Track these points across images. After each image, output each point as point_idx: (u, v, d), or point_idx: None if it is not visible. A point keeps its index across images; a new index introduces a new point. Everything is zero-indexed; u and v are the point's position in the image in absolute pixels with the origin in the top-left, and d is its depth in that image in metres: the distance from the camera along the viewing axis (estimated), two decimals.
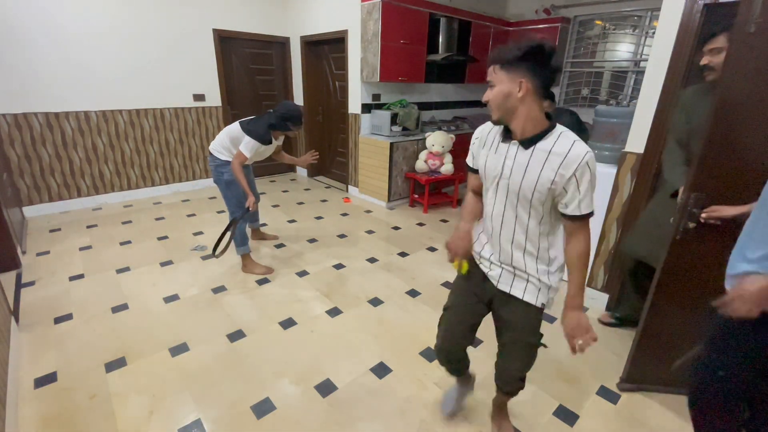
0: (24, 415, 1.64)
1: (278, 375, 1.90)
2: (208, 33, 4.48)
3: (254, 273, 2.83)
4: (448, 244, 1.32)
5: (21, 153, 3.63)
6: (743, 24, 1.27)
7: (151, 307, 2.41)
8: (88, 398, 1.73)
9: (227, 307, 2.44)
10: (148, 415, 1.66)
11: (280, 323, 2.30)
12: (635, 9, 4.23)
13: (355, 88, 4.42)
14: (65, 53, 3.65)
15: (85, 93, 3.85)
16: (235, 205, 2.70)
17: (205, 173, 4.91)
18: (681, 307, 1.66)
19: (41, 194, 3.84)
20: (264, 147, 2.57)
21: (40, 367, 1.90)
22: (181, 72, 4.39)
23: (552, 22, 4.61)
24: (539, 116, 1.05)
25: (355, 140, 4.63)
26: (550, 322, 2.34)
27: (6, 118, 3.49)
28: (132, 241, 3.31)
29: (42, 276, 2.71)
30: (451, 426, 1.65)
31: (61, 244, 3.20)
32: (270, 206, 4.29)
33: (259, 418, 1.66)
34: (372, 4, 3.83)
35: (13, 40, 3.38)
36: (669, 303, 1.67)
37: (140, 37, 4.03)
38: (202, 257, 3.07)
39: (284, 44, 5.17)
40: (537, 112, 1.04)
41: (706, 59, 1.60)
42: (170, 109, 4.44)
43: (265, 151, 2.67)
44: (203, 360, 1.98)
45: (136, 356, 1.99)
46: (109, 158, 4.17)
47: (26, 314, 2.29)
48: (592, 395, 1.82)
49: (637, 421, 1.70)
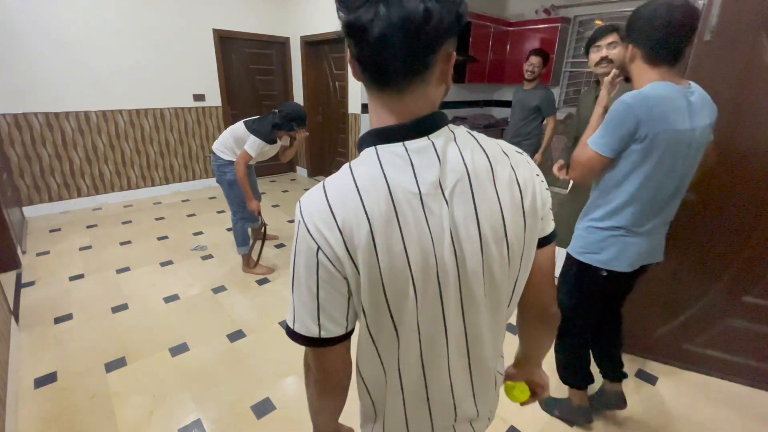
0: (24, 415, 1.64)
1: (278, 375, 1.90)
2: (208, 33, 4.48)
3: (254, 273, 2.83)
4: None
5: (21, 153, 3.63)
6: (701, 33, 1.53)
7: (151, 307, 2.41)
8: (88, 398, 1.73)
9: (227, 307, 2.44)
10: (148, 415, 1.66)
11: (280, 323, 2.30)
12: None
13: (355, 88, 4.42)
14: (65, 53, 3.64)
15: (85, 93, 3.85)
16: (237, 205, 2.71)
17: (205, 173, 4.91)
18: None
19: (41, 194, 3.83)
20: (269, 147, 2.57)
21: (40, 367, 1.90)
22: (181, 72, 4.39)
23: (552, 22, 4.61)
24: None
25: (355, 140, 4.63)
26: None
27: (6, 118, 3.49)
28: (132, 241, 3.31)
29: (42, 276, 2.71)
30: None
31: (61, 244, 3.20)
32: (270, 206, 4.29)
33: (259, 418, 1.66)
34: None
35: (13, 40, 3.38)
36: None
37: (140, 37, 4.03)
38: (202, 257, 3.07)
39: (284, 44, 5.16)
40: None
41: (605, 52, 1.78)
42: (170, 109, 4.44)
43: (270, 150, 2.66)
44: (203, 360, 1.98)
45: (136, 356, 1.99)
46: (109, 158, 4.17)
47: (26, 314, 2.29)
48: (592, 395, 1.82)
49: (638, 421, 1.69)
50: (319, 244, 0.51)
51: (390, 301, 0.53)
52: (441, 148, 0.52)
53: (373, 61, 0.49)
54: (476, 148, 0.55)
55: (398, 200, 0.50)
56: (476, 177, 0.53)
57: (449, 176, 0.52)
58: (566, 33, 4.68)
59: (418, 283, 0.53)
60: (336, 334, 0.56)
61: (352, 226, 0.50)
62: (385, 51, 0.47)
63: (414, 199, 0.51)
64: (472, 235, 0.53)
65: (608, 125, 1.17)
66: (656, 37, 1.11)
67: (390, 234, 0.50)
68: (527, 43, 4.95)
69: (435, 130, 0.53)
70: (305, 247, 0.52)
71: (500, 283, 0.58)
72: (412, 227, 0.51)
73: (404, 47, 0.46)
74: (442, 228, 0.52)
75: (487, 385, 0.69)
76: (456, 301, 0.56)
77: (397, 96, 0.52)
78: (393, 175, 0.51)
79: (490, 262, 0.55)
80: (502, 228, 0.55)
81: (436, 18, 0.45)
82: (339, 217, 0.50)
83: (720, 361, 1.90)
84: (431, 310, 0.55)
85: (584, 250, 1.36)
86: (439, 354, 0.59)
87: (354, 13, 0.46)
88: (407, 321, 0.55)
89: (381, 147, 0.53)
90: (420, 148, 0.52)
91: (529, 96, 3.26)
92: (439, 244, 0.52)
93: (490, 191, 0.54)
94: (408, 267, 0.51)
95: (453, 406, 0.65)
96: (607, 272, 1.32)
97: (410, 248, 0.51)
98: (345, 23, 0.47)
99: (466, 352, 0.61)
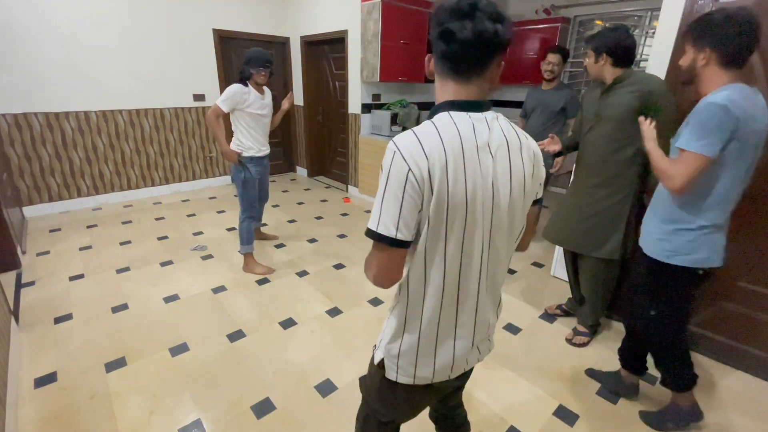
0: (24, 415, 1.64)
1: (278, 375, 1.90)
2: (208, 33, 4.48)
3: (254, 273, 2.83)
4: None
5: (21, 153, 3.63)
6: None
7: (151, 307, 2.41)
8: (88, 398, 1.73)
9: (227, 307, 2.44)
10: (148, 415, 1.66)
11: (280, 323, 2.30)
12: (635, 9, 4.23)
13: (355, 88, 4.42)
14: (65, 53, 3.65)
15: (85, 93, 3.85)
16: (247, 204, 2.72)
17: (205, 173, 4.91)
18: None
19: (41, 194, 3.83)
20: (246, 99, 2.51)
21: (40, 367, 1.90)
22: (181, 72, 4.39)
23: (552, 22, 4.61)
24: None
25: (355, 140, 4.63)
26: (550, 322, 2.34)
27: (6, 118, 3.49)
28: (132, 241, 3.31)
29: (42, 276, 2.71)
30: None
31: (61, 244, 3.20)
32: (270, 206, 4.28)
33: (259, 418, 1.66)
34: (372, 3, 3.83)
35: (13, 40, 3.38)
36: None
37: (140, 37, 4.03)
38: (202, 257, 3.07)
39: (284, 44, 5.17)
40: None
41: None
42: (170, 109, 4.44)
43: (259, 111, 2.60)
44: (203, 360, 1.98)
45: (136, 356, 1.99)
46: (109, 158, 4.17)
47: (26, 314, 2.29)
48: (592, 395, 1.82)
49: (638, 420, 1.70)
50: (411, 167, 0.70)
51: (448, 216, 0.74)
52: (490, 122, 0.76)
53: (456, 56, 0.73)
54: (510, 128, 0.79)
55: (465, 147, 0.72)
56: (511, 146, 0.78)
57: (494, 141, 0.76)
58: (566, 33, 4.68)
59: (469, 206, 0.74)
60: (406, 238, 0.74)
61: (434, 157, 0.70)
62: (466, 51, 0.71)
63: (473, 149, 0.73)
64: (505, 184, 0.77)
65: (706, 128, 1.21)
66: (733, 42, 1.20)
67: (457, 168, 0.72)
68: (527, 43, 4.95)
69: (486, 111, 0.77)
70: (398, 168, 0.71)
71: (516, 221, 0.83)
72: (471, 168, 0.73)
73: (478, 51, 0.71)
74: (488, 174, 0.75)
75: (494, 302, 0.92)
76: (488, 228, 0.79)
77: (464, 83, 0.76)
78: (463, 130, 0.73)
79: (513, 205, 0.80)
80: (523, 185, 0.80)
81: (500, 35, 0.70)
82: (426, 150, 0.71)
83: (709, 339, 2.07)
84: (472, 229, 0.77)
85: (674, 253, 1.38)
86: (474, 268, 0.81)
87: (449, 23, 0.70)
88: (455, 235, 0.76)
89: (453, 113, 0.75)
90: (478, 118, 0.76)
91: (552, 97, 3.08)
92: (485, 184, 0.75)
93: (518, 158, 0.78)
94: (465, 194, 0.73)
95: (475, 312, 0.87)
96: (703, 270, 1.38)
97: (468, 182, 0.73)
98: (442, 29, 0.71)
99: (487, 271, 0.84)
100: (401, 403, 0.99)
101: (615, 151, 1.82)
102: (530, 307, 2.52)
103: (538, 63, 4.89)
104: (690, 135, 1.23)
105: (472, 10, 0.69)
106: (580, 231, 1.98)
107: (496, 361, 2.02)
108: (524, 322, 2.35)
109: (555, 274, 2.90)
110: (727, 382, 1.92)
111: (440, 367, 0.89)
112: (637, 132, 1.71)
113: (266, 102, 2.67)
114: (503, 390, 1.84)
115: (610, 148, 1.83)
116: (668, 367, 1.60)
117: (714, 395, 1.84)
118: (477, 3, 0.69)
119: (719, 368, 2.01)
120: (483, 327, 0.90)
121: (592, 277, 2.04)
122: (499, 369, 1.97)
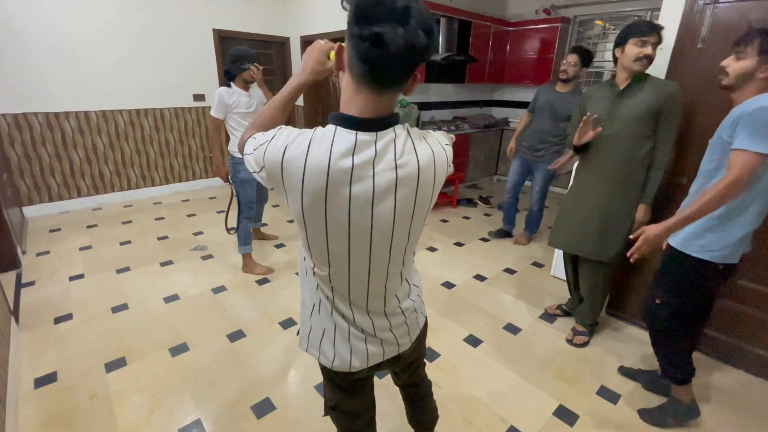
0: (24, 415, 1.64)
1: (278, 375, 1.90)
2: (208, 33, 4.48)
3: (254, 273, 2.83)
4: None
5: (21, 153, 3.63)
6: (693, 42, 1.84)
7: (151, 307, 2.41)
8: (88, 398, 1.73)
9: (227, 307, 2.44)
10: (148, 415, 1.66)
11: (280, 323, 2.30)
12: (635, 9, 4.23)
13: None
14: (65, 53, 3.64)
15: (85, 93, 3.85)
16: (245, 205, 2.72)
17: (205, 173, 4.91)
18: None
19: (41, 194, 3.83)
20: (233, 101, 2.53)
21: (40, 367, 1.90)
22: (181, 72, 4.39)
23: (552, 22, 4.61)
24: None
25: None
26: (550, 322, 2.34)
27: (6, 118, 3.49)
28: (132, 241, 3.31)
29: (42, 276, 2.71)
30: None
31: (61, 244, 3.20)
32: (270, 206, 4.28)
33: (259, 418, 1.66)
34: None
35: (13, 40, 3.37)
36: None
37: (140, 37, 4.03)
38: (202, 257, 3.07)
39: (284, 44, 5.16)
40: None
41: (650, 50, 1.79)
42: (170, 109, 4.44)
43: (246, 110, 2.60)
44: (203, 360, 1.98)
45: (136, 356, 1.99)
46: (109, 158, 4.17)
47: (26, 314, 2.29)
48: (592, 395, 1.82)
49: (638, 420, 1.70)
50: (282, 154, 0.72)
51: (307, 222, 0.77)
52: (381, 146, 0.70)
53: (378, 63, 0.64)
54: (410, 151, 0.73)
55: (332, 168, 0.69)
56: (403, 174, 0.72)
57: (381, 164, 0.70)
58: (566, 33, 4.68)
59: (330, 225, 0.75)
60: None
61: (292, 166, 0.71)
62: (390, 59, 0.63)
63: (344, 171, 0.69)
64: (387, 209, 0.74)
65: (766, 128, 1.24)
66: None
67: (316, 184, 0.70)
68: (527, 43, 4.95)
69: (385, 129, 0.71)
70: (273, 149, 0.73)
71: (403, 238, 0.82)
72: (334, 189, 0.70)
73: (404, 61, 0.64)
74: (364, 196, 0.71)
75: (391, 295, 0.94)
76: (364, 247, 0.79)
77: (375, 95, 0.69)
78: (336, 151, 0.69)
79: (399, 225, 0.78)
80: (413, 208, 0.77)
81: (430, 48, 0.65)
82: (286, 156, 0.71)
83: (709, 338, 2.07)
84: (339, 244, 0.78)
85: (704, 249, 1.44)
86: (354, 276, 0.83)
87: (378, 25, 0.60)
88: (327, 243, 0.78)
89: (339, 129, 0.70)
90: (364, 141, 0.70)
91: (565, 101, 2.87)
92: (356, 205, 0.72)
93: (409, 187, 0.74)
94: (324, 212, 0.73)
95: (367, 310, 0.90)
96: (723, 266, 1.43)
97: (330, 201, 0.72)
98: (369, 32, 0.61)
99: (367, 284, 0.86)
100: (330, 387, 1.07)
101: (632, 150, 1.79)
102: (530, 307, 2.52)
103: (538, 63, 4.93)
104: (751, 137, 1.25)
105: (406, 15, 0.61)
106: (594, 236, 1.93)
107: (496, 361, 2.02)
108: (524, 322, 2.35)
109: (555, 274, 2.90)
110: (727, 381, 1.92)
111: (342, 359, 0.93)
112: (653, 132, 1.77)
113: (252, 100, 2.67)
114: (503, 390, 1.84)
115: (628, 147, 1.80)
116: (672, 356, 1.61)
117: (714, 394, 1.84)
118: (410, 8, 0.61)
119: (719, 367, 2.01)
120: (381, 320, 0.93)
121: (593, 278, 2.04)
122: (499, 369, 1.97)
